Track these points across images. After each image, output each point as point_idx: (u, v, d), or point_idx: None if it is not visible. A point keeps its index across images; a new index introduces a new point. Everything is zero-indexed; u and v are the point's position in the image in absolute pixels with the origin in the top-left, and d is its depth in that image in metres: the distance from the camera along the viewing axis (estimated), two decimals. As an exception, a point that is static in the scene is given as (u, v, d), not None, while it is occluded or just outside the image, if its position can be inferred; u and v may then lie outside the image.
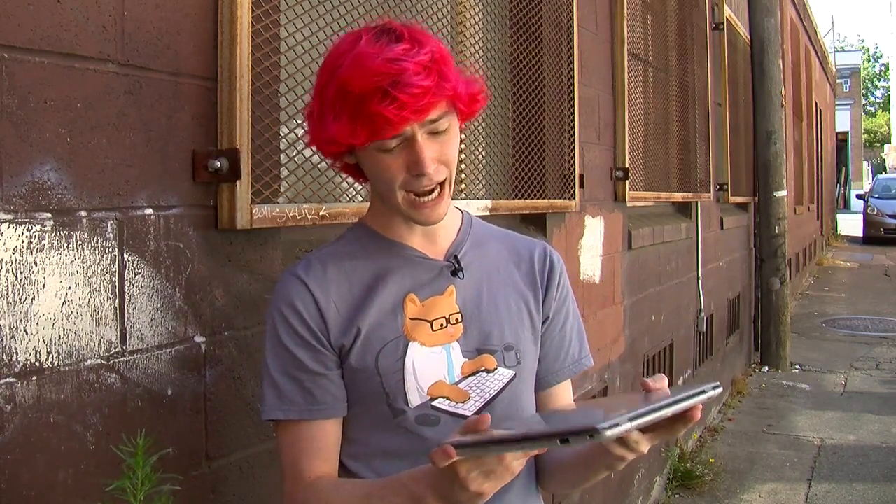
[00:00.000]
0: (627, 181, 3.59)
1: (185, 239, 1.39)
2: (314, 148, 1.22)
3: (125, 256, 1.28)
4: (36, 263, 1.14)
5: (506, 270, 1.30)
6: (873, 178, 26.19)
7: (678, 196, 4.62)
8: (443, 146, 1.13)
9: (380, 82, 1.05)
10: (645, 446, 1.04)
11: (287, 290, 1.20)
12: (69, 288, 1.19)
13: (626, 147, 3.58)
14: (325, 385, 1.19)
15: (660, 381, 1.03)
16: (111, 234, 1.26)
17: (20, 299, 1.11)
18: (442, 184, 1.15)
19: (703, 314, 5.13)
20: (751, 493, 4.18)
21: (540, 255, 1.33)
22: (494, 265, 1.29)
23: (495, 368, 1.23)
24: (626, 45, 3.61)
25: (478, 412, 1.20)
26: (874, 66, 56.88)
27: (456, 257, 1.25)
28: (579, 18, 3.04)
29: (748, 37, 6.94)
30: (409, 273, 1.22)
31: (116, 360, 1.26)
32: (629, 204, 3.72)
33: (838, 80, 28.60)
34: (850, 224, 22.58)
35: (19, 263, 1.11)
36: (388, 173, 1.13)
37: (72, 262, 1.19)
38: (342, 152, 1.18)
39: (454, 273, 1.23)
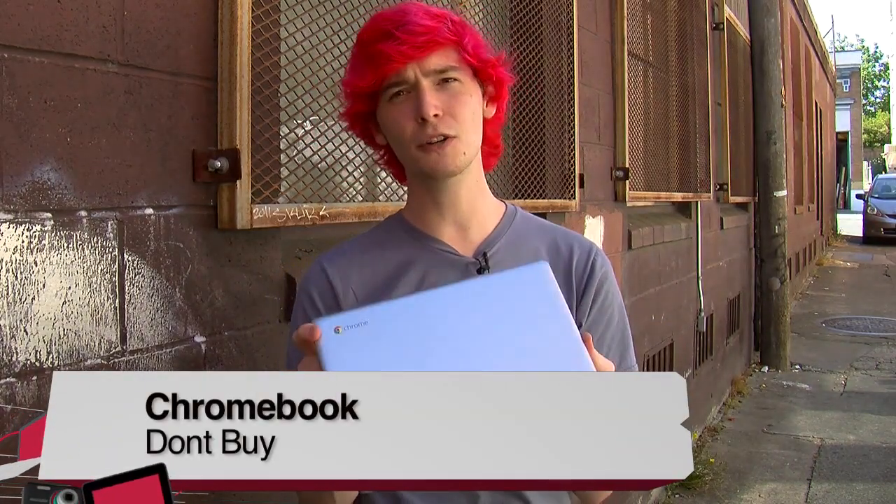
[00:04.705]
0: (627, 181, 3.59)
1: (185, 239, 1.39)
2: (346, 123, 1.22)
3: (125, 256, 1.28)
4: (36, 263, 1.14)
5: None
6: (873, 178, 26.19)
7: (678, 196, 4.62)
8: (451, 98, 1.12)
9: (386, 27, 1.10)
10: None
11: (306, 276, 1.22)
12: (69, 288, 1.19)
13: (626, 147, 3.58)
14: None
15: None
16: (111, 234, 1.26)
17: (20, 299, 1.12)
18: (452, 138, 1.13)
19: (703, 314, 5.13)
20: (751, 493, 4.18)
21: (581, 257, 1.26)
22: None
23: None
24: (626, 45, 3.61)
25: None
26: (874, 66, 56.86)
27: (485, 255, 1.19)
28: (579, 18, 3.04)
29: (748, 37, 6.94)
30: (434, 267, 1.19)
31: (116, 360, 1.26)
32: (629, 204, 3.72)
33: (838, 80, 28.59)
34: (850, 224, 22.57)
35: (19, 263, 1.11)
36: (398, 125, 1.13)
37: (72, 262, 1.19)
38: (364, 113, 1.17)
39: (480, 271, 1.18)
